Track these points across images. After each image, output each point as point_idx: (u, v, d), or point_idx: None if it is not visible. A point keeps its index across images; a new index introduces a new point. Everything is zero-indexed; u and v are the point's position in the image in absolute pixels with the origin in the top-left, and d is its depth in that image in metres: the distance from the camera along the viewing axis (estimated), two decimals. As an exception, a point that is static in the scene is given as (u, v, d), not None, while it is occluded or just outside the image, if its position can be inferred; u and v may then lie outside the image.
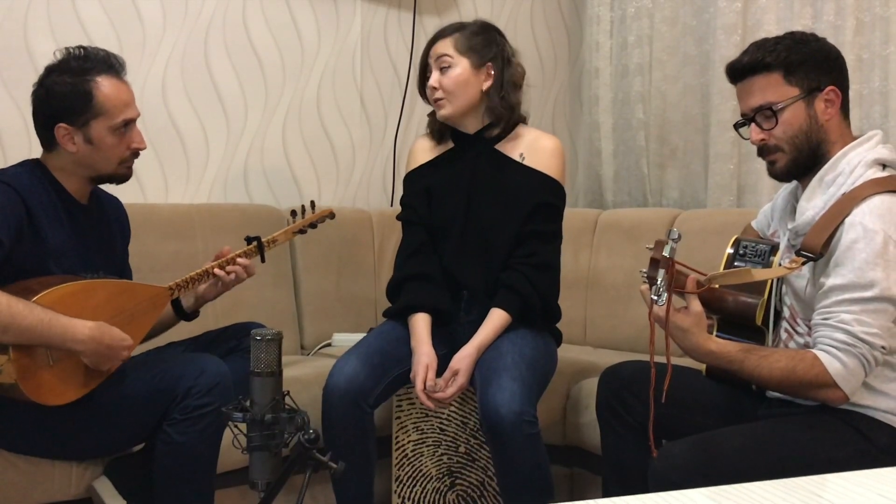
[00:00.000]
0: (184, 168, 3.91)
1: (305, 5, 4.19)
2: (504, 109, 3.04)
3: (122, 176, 2.71)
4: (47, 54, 3.43)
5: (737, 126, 2.46)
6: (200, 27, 3.91)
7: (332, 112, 4.31)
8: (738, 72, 2.39)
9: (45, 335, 2.34)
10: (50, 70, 2.62)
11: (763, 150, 2.39)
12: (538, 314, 3.00)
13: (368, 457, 2.91)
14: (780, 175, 2.41)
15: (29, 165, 2.64)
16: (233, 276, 2.87)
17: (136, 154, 2.69)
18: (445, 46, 3.02)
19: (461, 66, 3.00)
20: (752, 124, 2.38)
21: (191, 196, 3.93)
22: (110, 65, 2.63)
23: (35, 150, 2.74)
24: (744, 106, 2.40)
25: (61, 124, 2.56)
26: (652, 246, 2.24)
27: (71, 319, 2.38)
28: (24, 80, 3.44)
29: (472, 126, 3.09)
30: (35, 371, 2.38)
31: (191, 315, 2.95)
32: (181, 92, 3.85)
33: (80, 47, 2.64)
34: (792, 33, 2.39)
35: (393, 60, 4.46)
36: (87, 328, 2.40)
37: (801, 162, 2.35)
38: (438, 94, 3.01)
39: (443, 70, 3.01)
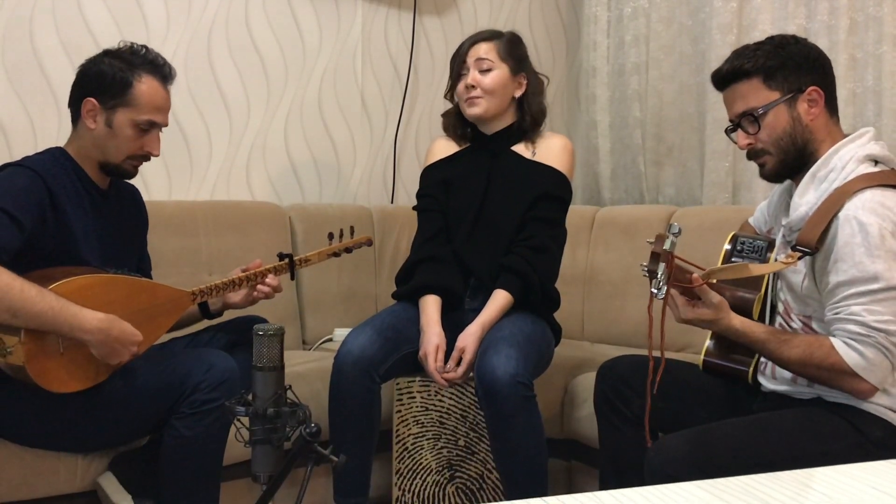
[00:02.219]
0: (187, 166, 3.94)
1: (307, 5, 4.21)
2: (540, 115, 3.24)
3: (127, 172, 2.73)
4: (52, 53, 3.50)
5: (728, 132, 2.49)
6: (203, 27, 3.94)
7: (334, 110, 4.34)
8: (721, 80, 2.43)
9: (55, 322, 2.35)
10: (106, 52, 2.69)
11: (752, 154, 2.43)
12: (538, 296, 3.06)
13: (371, 430, 2.95)
14: (769, 177, 2.44)
15: (52, 152, 2.67)
16: (261, 295, 2.93)
17: (146, 157, 2.72)
18: (487, 50, 3.16)
19: (501, 71, 3.15)
20: (739, 130, 2.41)
21: (194, 193, 3.96)
22: (161, 70, 2.70)
23: (40, 146, 2.78)
24: (729, 112, 2.43)
25: (91, 99, 2.62)
26: (653, 240, 2.24)
27: (82, 309, 2.39)
28: (30, 79, 3.50)
29: (492, 127, 3.21)
30: (44, 357, 2.39)
31: (215, 315, 2.99)
32: (184, 91, 3.87)
33: (142, 45, 2.71)
34: (772, 38, 2.41)
35: (393, 60, 4.49)
36: (96, 319, 2.40)
37: (788, 163, 2.38)
38: (476, 93, 3.14)
39: (483, 72, 3.14)
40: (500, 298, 3.03)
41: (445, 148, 3.31)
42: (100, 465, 2.68)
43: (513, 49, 3.20)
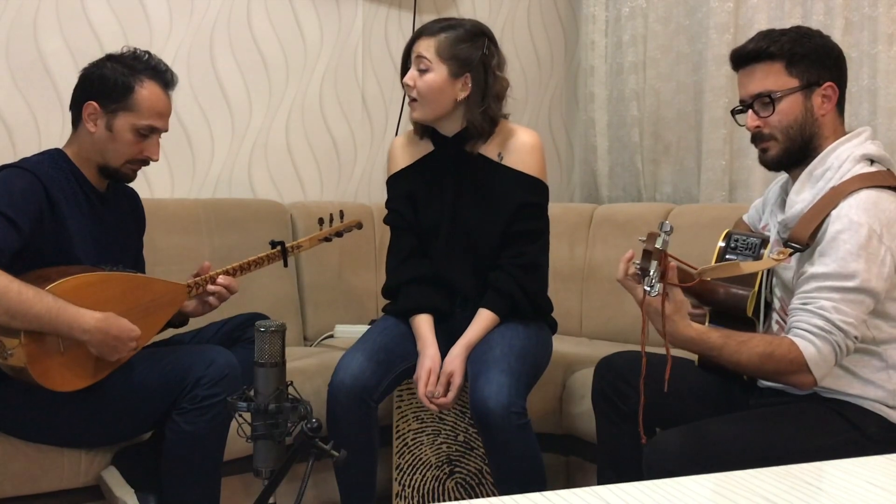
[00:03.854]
0: (189, 164, 3.96)
1: (308, 5, 4.24)
2: (485, 123, 2.96)
3: (126, 176, 2.75)
4: (57, 53, 3.53)
5: (734, 112, 2.49)
6: (206, 27, 3.97)
7: (334, 109, 4.36)
8: (742, 58, 2.42)
9: (53, 323, 2.37)
10: (109, 56, 2.71)
11: (757, 138, 2.43)
12: (527, 312, 3.01)
13: (372, 448, 2.94)
14: (770, 163, 2.44)
15: (50, 154, 2.69)
16: (214, 299, 2.87)
17: (145, 162, 2.74)
18: (427, 47, 2.90)
19: (438, 73, 2.89)
20: (750, 111, 2.41)
21: (196, 191, 3.98)
22: (163, 76, 2.72)
23: (45, 146, 2.80)
24: (743, 92, 2.43)
25: (92, 102, 2.64)
26: (644, 238, 2.23)
27: (79, 309, 2.41)
28: (34, 79, 3.52)
29: (449, 129, 3.02)
30: (44, 357, 2.41)
31: (178, 324, 2.97)
32: (187, 90, 3.88)
33: (145, 51, 2.73)
34: (798, 27, 2.42)
35: (393, 59, 4.49)
36: (93, 318, 2.42)
37: (792, 152, 2.38)
38: (413, 94, 2.94)
39: (420, 71, 2.91)
40: (484, 318, 2.95)
41: (406, 151, 3.13)
42: (103, 460, 2.70)
43: (457, 47, 2.89)
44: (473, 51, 2.92)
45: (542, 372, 3.05)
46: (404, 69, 3.00)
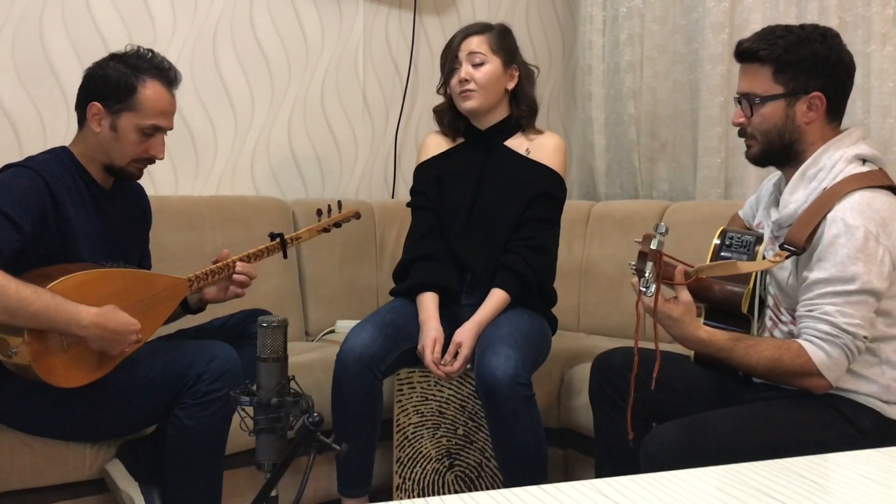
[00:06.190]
0: (193, 161, 3.99)
1: (310, 5, 4.26)
2: (534, 105, 3.26)
3: (131, 174, 2.77)
4: (62, 52, 3.55)
5: (735, 99, 2.49)
6: (209, 26, 3.99)
7: (336, 108, 4.38)
8: (740, 54, 2.43)
9: (52, 320, 2.38)
10: (113, 56, 2.71)
11: (741, 133, 2.46)
12: (535, 294, 3.10)
13: (374, 424, 3.00)
14: (752, 159, 2.47)
15: (56, 152, 2.70)
16: (236, 286, 2.92)
17: (150, 160, 2.75)
18: (479, 43, 3.16)
19: (493, 64, 3.15)
20: (738, 106, 2.44)
21: (199, 188, 4.01)
22: (166, 75, 2.72)
23: (50, 144, 2.82)
24: (738, 86, 2.45)
25: (96, 103, 2.65)
26: (640, 240, 2.27)
27: (77, 305, 2.42)
28: (40, 77, 3.55)
29: (487, 121, 3.22)
30: (49, 354, 2.43)
31: (196, 310, 3.00)
32: (190, 88, 3.90)
33: (149, 49, 2.74)
34: (803, 28, 2.37)
35: (394, 58, 4.53)
36: (90, 314, 2.43)
37: (771, 154, 2.41)
38: (470, 87, 3.13)
39: (476, 65, 3.13)
40: (497, 297, 3.05)
41: (438, 144, 3.32)
42: (108, 453, 2.72)
43: (503, 41, 3.20)
44: (513, 45, 3.26)
45: (543, 362, 3.12)
46: (451, 71, 3.19)
